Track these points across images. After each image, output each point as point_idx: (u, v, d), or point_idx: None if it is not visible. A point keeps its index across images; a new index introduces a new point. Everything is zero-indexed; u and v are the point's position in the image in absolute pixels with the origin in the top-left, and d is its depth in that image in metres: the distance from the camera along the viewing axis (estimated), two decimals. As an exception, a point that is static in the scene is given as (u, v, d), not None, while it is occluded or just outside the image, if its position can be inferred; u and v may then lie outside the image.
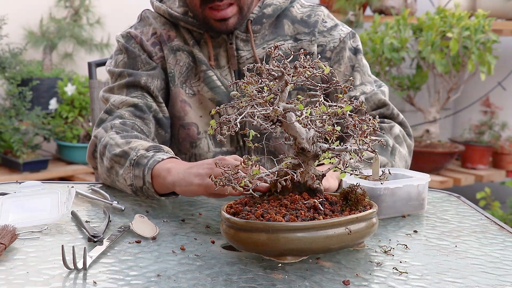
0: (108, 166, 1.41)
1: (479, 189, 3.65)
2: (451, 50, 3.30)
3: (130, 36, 1.61)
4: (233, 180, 1.02)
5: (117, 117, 1.50)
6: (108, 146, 1.42)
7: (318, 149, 1.06)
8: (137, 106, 1.52)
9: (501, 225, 1.29)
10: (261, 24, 1.58)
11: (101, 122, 1.52)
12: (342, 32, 1.62)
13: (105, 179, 1.47)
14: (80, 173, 4.21)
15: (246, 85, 1.03)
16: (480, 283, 0.98)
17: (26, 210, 1.24)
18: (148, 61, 1.58)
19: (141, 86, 1.55)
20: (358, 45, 1.63)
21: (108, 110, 1.54)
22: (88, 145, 1.52)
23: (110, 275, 0.95)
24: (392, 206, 1.30)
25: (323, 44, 1.60)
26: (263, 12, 1.57)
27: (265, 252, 1.01)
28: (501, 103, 3.97)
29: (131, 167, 1.34)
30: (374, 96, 1.58)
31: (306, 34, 1.60)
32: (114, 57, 1.63)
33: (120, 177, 1.38)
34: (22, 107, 3.89)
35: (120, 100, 1.53)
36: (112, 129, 1.46)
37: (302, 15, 1.62)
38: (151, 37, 1.60)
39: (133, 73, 1.56)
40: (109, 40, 4.61)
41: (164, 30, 1.60)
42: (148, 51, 1.59)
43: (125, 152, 1.37)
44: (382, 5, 3.91)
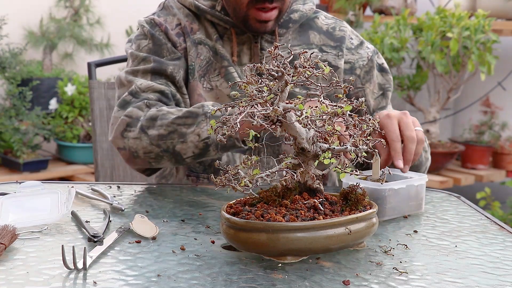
0: (164, 132, 1.41)
1: (479, 189, 3.65)
2: (451, 50, 3.30)
3: (155, 23, 1.60)
4: (233, 180, 1.02)
5: (144, 99, 1.49)
6: (161, 116, 1.42)
7: (318, 149, 1.06)
8: (163, 92, 1.52)
9: (501, 225, 1.29)
10: (286, 28, 1.61)
11: (126, 104, 1.51)
12: (368, 50, 1.67)
13: (148, 152, 1.44)
14: (80, 173, 4.21)
15: (246, 85, 1.03)
16: (480, 283, 0.98)
17: (26, 210, 1.24)
18: (173, 50, 1.58)
19: (166, 75, 1.55)
20: (384, 63, 1.69)
21: (133, 92, 1.52)
22: (115, 125, 1.49)
23: (110, 275, 0.95)
24: (395, 207, 1.30)
25: (352, 61, 1.65)
26: (290, 17, 1.61)
27: (265, 252, 1.01)
28: (501, 103, 3.97)
29: (207, 120, 1.37)
30: None
31: (332, 47, 1.64)
32: (136, 41, 1.61)
33: (190, 135, 1.39)
34: (22, 107, 3.89)
35: (147, 85, 1.52)
36: (150, 107, 1.46)
37: (327, 27, 1.66)
38: (175, 27, 1.60)
39: (160, 60, 1.55)
40: (109, 40, 4.61)
41: (187, 22, 1.60)
42: (173, 40, 1.58)
43: (191, 112, 1.40)
44: (382, 5, 3.91)
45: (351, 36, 1.67)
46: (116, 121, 1.50)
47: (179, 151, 1.42)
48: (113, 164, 2.00)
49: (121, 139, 1.48)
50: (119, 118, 1.49)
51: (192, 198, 1.42)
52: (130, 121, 1.47)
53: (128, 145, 1.47)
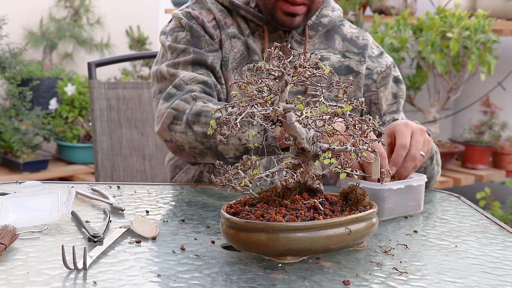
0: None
1: (479, 189, 3.65)
2: (451, 50, 3.30)
3: (191, 16, 1.62)
4: (233, 180, 1.02)
5: (188, 91, 1.51)
6: (205, 113, 1.43)
7: (318, 149, 1.06)
8: (206, 83, 1.54)
9: (501, 225, 1.29)
10: (316, 31, 1.66)
11: (170, 97, 1.52)
12: (387, 60, 1.73)
13: (193, 148, 1.46)
14: (80, 173, 4.21)
15: (246, 85, 1.03)
16: (480, 283, 0.98)
17: (26, 210, 1.24)
18: (211, 42, 1.60)
19: (207, 65, 1.57)
20: (399, 75, 1.74)
21: (177, 85, 1.54)
22: (162, 118, 1.49)
23: (110, 275, 0.95)
24: (393, 207, 1.30)
25: (371, 68, 1.70)
26: (320, 21, 1.66)
27: (265, 252, 1.01)
28: (501, 103, 3.97)
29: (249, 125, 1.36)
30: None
31: (355, 54, 1.69)
32: (173, 33, 1.62)
33: (232, 138, 1.40)
34: (22, 107, 3.89)
35: (190, 76, 1.54)
36: (196, 100, 1.47)
37: (351, 35, 1.72)
38: (211, 20, 1.62)
39: (199, 51, 1.57)
40: (109, 40, 4.61)
41: (221, 16, 1.62)
42: (210, 33, 1.61)
43: None
44: (382, 5, 3.91)
45: (372, 46, 1.73)
46: (162, 114, 1.50)
47: (221, 151, 1.44)
48: (113, 164, 2.00)
49: (168, 131, 1.49)
50: (165, 111, 1.50)
51: (192, 198, 1.42)
52: (176, 114, 1.48)
53: (175, 138, 1.48)
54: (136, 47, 4.57)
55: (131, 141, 2.03)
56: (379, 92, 1.69)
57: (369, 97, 1.70)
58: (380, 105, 1.69)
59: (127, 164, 2.02)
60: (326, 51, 1.67)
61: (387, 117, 1.69)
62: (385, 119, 1.69)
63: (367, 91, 1.69)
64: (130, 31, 4.61)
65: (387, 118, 1.69)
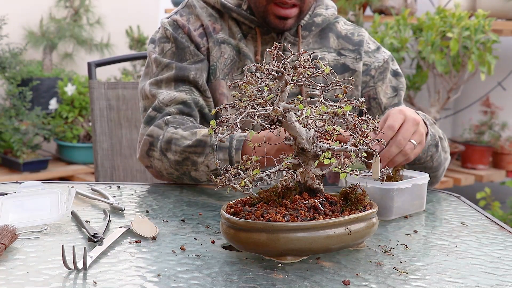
0: (179, 159, 1.44)
1: (479, 189, 3.65)
2: (451, 50, 3.30)
3: (177, 25, 1.62)
4: (233, 180, 1.02)
5: (165, 114, 1.53)
6: (174, 140, 1.45)
7: (318, 149, 1.06)
8: (185, 103, 1.54)
9: (501, 225, 1.29)
10: (309, 31, 1.64)
11: (151, 120, 1.54)
12: (385, 54, 1.70)
13: (170, 174, 1.49)
14: (80, 173, 4.21)
15: (246, 85, 1.03)
16: (480, 283, 0.98)
17: (26, 210, 1.24)
18: (196, 52, 1.59)
19: (189, 81, 1.57)
20: (398, 68, 1.72)
21: (157, 108, 1.55)
22: (140, 144, 1.53)
23: (110, 275, 0.95)
24: (400, 206, 1.31)
25: (368, 63, 1.68)
26: (313, 20, 1.65)
27: (265, 252, 1.01)
28: (501, 103, 3.97)
29: (214, 153, 1.39)
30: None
31: (351, 51, 1.67)
32: (160, 44, 1.62)
33: (201, 165, 1.42)
34: (22, 107, 3.90)
35: (169, 98, 1.55)
36: (168, 125, 1.49)
37: (346, 32, 1.70)
38: (198, 27, 1.61)
39: (182, 66, 1.57)
40: (109, 40, 4.61)
41: (209, 22, 1.61)
42: (196, 42, 1.60)
43: (200, 141, 1.42)
44: (382, 5, 3.91)
45: (368, 41, 1.71)
46: (140, 140, 1.54)
47: (194, 177, 1.46)
48: (113, 164, 2.00)
49: (147, 158, 1.52)
50: (142, 137, 1.53)
51: (192, 198, 1.42)
52: (152, 140, 1.50)
53: (154, 164, 1.52)
54: (136, 47, 4.57)
55: (131, 141, 2.03)
56: (377, 86, 1.68)
57: (368, 92, 1.68)
58: (379, 99, 1.67)
59: (127, 164, 2.02)
60: (320, 51, 1.65)
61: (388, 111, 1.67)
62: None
63: (365, 87, 1.68)
64: (130, 31, 4.61)
65: None
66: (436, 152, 1.50)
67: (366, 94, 1.68)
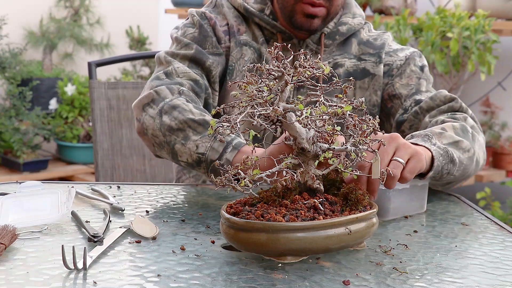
0: (174, 126, 1.41)
1: (479, 189, 3.65)
2: (451, 50, 3.30)
3: (205, 16, 1.62)
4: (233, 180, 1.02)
5: (177, 83, 1.51)
6: (181, 109, 1.42)
7: (318, 149, 1.06)
8: (197, 82, 1.54)
9: (501, 225, 1.29)
10: (333, 40, 1.63)
11: (158, 79, 1.52)
12: (408, 51, 1.66)
13: (155, 136, 1.45)
14: (80, 173, 4.21)
15: (246, 85, 1.03)
16: (480, 283, 0.98)
17: (26, 210, 1.24)
18: (216, 45, 1.60)
19: (204, 66, 1.57)
20: (424, 63, 1.66)
21: (168, 73, 1.54)
22: (142, 95, 1.50)
23: (110, 275, 0.95)
24: (398, 207, 1.30)
25: (390, 63, 1.65)
26: (338, 29, 1.63)
27: (265, 252, 1.01)
28: (501, 103, 3.96)
29: (212, 138, 1.36)
30: (439, 94, 1.57)
31: (371, 55, 1.65)
32: (184, 28, 1.63)
33: (191, 142, 1.38)
34: (22, 107, 3.90)
35: (184, 70, 1.54)
36: (181, 95, 1.46)
37: (368, 38, 1.67)
38: (224, 25, 1.62)
39: (201, 50, 1.57)
40: (109, 40, 4.61)
41: (235, 23, 1.62)
42: (219, 36, 1.61)
43: (206, 122, 1.39)
44: (382, 5, 3.91)
45: (390, 44, 1.68)
46: (147, 90, 1.50)
47: (176, 151, 1.42)
48: (113, 164, 2.00)
49: (141, 110, 1.49)
50: (150, 89, 1.50)
51: (192, 198, 1.42)
52: (156, 97, 1.47)
53: (143, 119, 1.48)
54: (136, 47, 4.57)
55: (131, 141, 2.03)
56: (395, 82, 1.63)
57: (387, 91, 1.64)
58: (398, 94, 1.62)
59: (127, 164, 2.02)
60: (341, 57, 1.63)
61: (407, 102, 1.60)
62: (406, 105, 1.60)
63: (385, 88, 1.64)
64: (130, 31, 4.61)
65: (408, 103, 1.60)
66: (454, 166, 1.36)
67: (386, 94, 1.64)
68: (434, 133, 1.37)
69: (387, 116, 1.65)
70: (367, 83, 1.63)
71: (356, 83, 1.63)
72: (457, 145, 1.38)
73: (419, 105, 1.57)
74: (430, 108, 1.56)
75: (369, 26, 1.70)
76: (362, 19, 1.67)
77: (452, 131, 1.41)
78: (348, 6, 1.68)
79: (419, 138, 1.35)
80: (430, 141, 1.34)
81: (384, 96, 1.64)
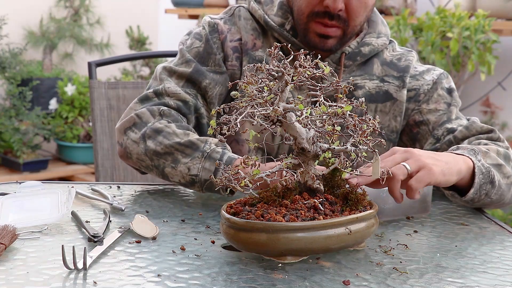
0: (160, 151, 1.39)
1: (479, 189, 3.64)
2: (451, 50, 3.30)
3: (216, 28, 1.56)
4: (234, 180, 1.02)
5: (163, 103, 1.48)
6: (165, 133, 1.40)
7: (318, 149, 1.06)
8: (186, 103, 1.50)
9: (501, 225, 1.29)
10: (354, 61, 1.55)
11: (146, 100, 1.49)
12: (434, 74, 1.58)
13: (140, 160, 1.43)
14: (80, 173, 4.21)
15: (246, 85, 1.03)
16: (480, 283, 0.98)
17: (26, 210, 1.24)
18: (220, 63, 1.54)
19: (200, 87, 1.52)
20: (451, 85, 1.58)
21: (158, 92, 1.50)
22: (124, 119, 1.48)
23: (110, 275, 0.95)
24: (394, 208, 1.29)
25: (416, 87, 1.57)
26: (359, 50, 1.55)
27: (265, 252, 1.01)
28: (501, 103, 3.97)
29: (202, 159, 1.34)
30: (474, 125, 1.50)
31: (395, 78, 1.57)
32: (193, 37, 1.57)
33: (182, 165, 1.36)
34: (22, 107, 3.90)
35: (174, 90, 1.50)
36: (162, 117, 1.44)
37: (392, 58, 1.59)
38: (236, 40, 1.55)
39: (199, 70, 1.52)
40: (109, 40, 4.61)
41: (251, 36, 1.55)
42: (226, 53, 1.55)
43: (193, 143, 1.37)
44: (382, 5, 3.91)
45: (415, 66, 1.60)
46: (127, 114, 1.48)
47: (167, 174, 1.40)
48: (113, 164, 2.00)
49: (123, 134, 1.47)
50: (130, 112, 1.48)
51: (192, 198, 1.42)
52: (138, 122, 1.45)
53: (125, 144, 1.46)
54: (136, 47, 4.57)
55: (131, 141, 2.03)
56: (422, 109, 1.55)
57: (412, 118, 1.56)
58: (426, 120, 1.54)
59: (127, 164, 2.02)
60: (361, 78, 1.55)
61: (438, 131, 1.52)
62: (437, 134, 1.52)
63: (411, 114, 1.57)
64: (130, 31, 4.61)
65: (439, 132, 1.52)
66: (492, 188, 1.33)
67: (411, 120, 1.56)
68: (480, 150, 1.34)
69: (413, 141, 1.58)
70: (388, 107, 1.56)
71: (378, 106, 1.56)
72: (499, 168, 1.35)
73: (453, 134, 1.49)
74: (465, 138, 1.49)
75: (394, 45, 1.62)
76: (387, 38, 1.59)
77: (495, 154, 1.38)
78: (373, 24, 1.59)
79: (466, 150, 1.32)
80: (475, 156, 1.31)
81: (410, 122, 1.57)
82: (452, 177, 1.25)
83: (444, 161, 1.24)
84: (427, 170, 1.20)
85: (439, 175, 1.21)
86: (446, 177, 1.23)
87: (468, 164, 1.29)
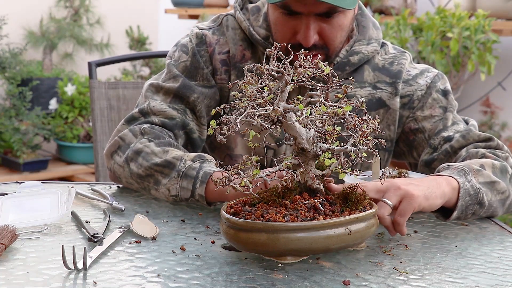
0: (143, 174, 1.37)
1: (479, 189, 3.64)
2: (451, 50, 3.30)
3: (204, 41, 1.53)
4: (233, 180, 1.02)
5: (148, 122, 1.46)
6: (144, 154, 1.38)
7: (318, 149, 1.06)
8: (173, 119, 1.47)
9: (501, 225, 1.29)
10: (342, 71, 1.50)
11: (133, 120, 1.48)
12: (428, 77, 1.53)
13: (129, 183, 1.43)
14: (80, 173, 4.21)
15: (246, 85, 1.03)
16: (480, 283, 0.98)
17: (26, 210, 1.24)
18: (208, 77, 1.51)
19: (188, 101, 1.49)
20: (446, 87, 1.54)
21: (143, 111, 1.48)
22: (110, 143, 1.47)
23: (110, 275, 0.95)
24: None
25: (410, 93, 1.52)
26: (348, 59, 1.50)
27: (265, 252, 1.01)
28: (501, 103, 3.97)
29: (178, 179, 1.32)
30: (471, 133, 1.47)
31: (388, 84, 1.52)
32: (179, 51, 1.54)
33: (162, 187, 1.35)
34: (22, 107, 3.90)
35: (160, 109, 1.47)
36: (143, 136, 1.42)
37: (384, 62, 1.54)
38: (224, 53, 1.52)
39: (187, 84, 1.49)
40: (109, 40, 4.61)
41: (240, 47, 1.52)
42: (215, 66, 1.52)
43: (169, 162, 1.35)
44: (382, 5, 3.91)
45: (408, 69, 1.54)
46: (114, 137, 1.47)
47: (154, 195, 1.40)
48: (113, 164, 2.00)
49: (110, 159, 1.46)
50: (117, 134, 1.46)
51: (192, 198, 1.42)
52: (122, 144, 1.44)
53: (113, 169, 1.45)
54: (136, 47, 4.57)
55: (131, 141, 2.03)
56: (416, 116, 1.52)
57: (408, 125, 1.53)
58: (421, 128, 1.51)
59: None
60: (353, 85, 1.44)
61: (435, 140, 1.49)
62: (433, 143, 1.49)
63: (405, 122, 1.53)
64: (130, 31, 4.61)
65: (436, 141, 1.48)
66: (481, 208, 1.29)
67: (407, 127, 1.53)
68: (471, 169, 1.30)
69: (410, 148, 1.55)
70: (381, 114, 1.52)
71: (370, 114, 1.48)
72: (492, 186, 1.32)
73: (450, 143, 1.47)
74: (462, 147, 1.46)
75: (386, 48, 1.57)
76: (378, 44, 1.53)
77: (490, 170, 1.34)
78: (364, 30, 1.53)
79: (455, 170, 1.29)
80: (465, 177, 1.28)
81: (406, 129, 1.53)
82: (436, 201, 1.21)
83: (425, 186, 1.21)
84: (408, 198, 1.16)
85: (422, 200, 1.18)
86: (429, 201, 1.20)
87: (453, 185, 1.26)
